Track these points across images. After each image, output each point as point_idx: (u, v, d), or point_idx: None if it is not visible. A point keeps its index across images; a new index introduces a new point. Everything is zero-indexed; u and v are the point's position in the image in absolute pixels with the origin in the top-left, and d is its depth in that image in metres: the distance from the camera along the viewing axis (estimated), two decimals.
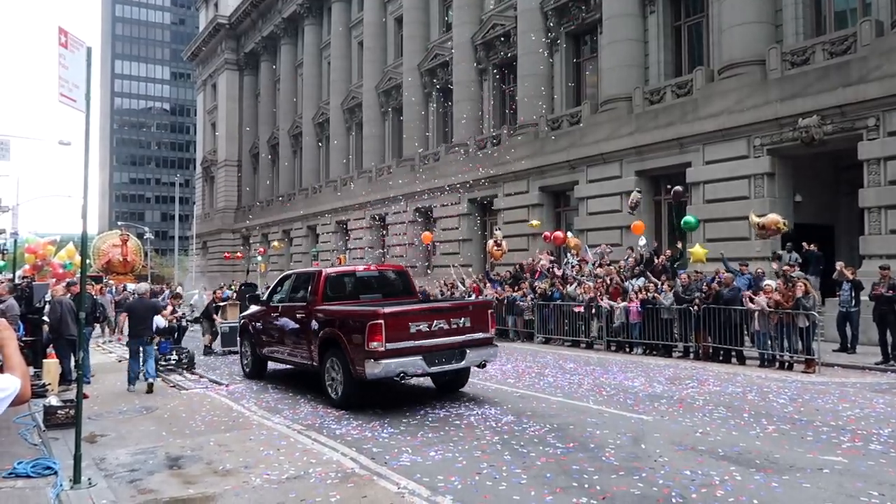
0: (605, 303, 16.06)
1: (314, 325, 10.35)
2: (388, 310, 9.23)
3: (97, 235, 43.48)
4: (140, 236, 55.71)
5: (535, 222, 23.14)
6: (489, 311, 10.24)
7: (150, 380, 11.56)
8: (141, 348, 11.81)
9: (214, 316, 18.86)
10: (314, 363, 10.40)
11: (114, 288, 27.93)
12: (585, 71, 26.07)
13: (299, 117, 48.38)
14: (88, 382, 11.96)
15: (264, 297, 12.89)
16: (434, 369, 9.45)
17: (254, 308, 13.26)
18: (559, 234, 21.07)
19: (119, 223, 73.28)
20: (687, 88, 20.40)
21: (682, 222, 17.45)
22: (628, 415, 8.72)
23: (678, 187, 17.79)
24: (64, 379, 11.72)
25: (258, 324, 12.61)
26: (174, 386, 11.98)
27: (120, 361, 15.88)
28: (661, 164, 20.47)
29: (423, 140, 34.19)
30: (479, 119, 30.41)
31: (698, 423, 8.23)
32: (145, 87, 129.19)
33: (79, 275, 23.06)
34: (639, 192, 18.89)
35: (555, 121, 25.26)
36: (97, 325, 18.17)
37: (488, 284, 20.98)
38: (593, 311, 16.39)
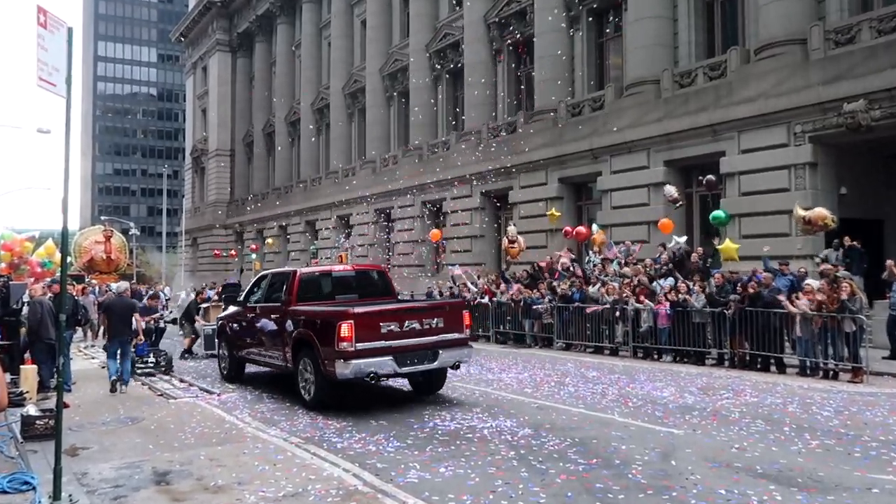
0: (631, 305, 15.99)
1: (288, 326, 11.06)
2: (358, 310, 9.98)
3: (79, 231, 43.77)
4: (125, 232, 56.05)
5: (554, 212, 23.05)
6: (464, 312, 11.07)
7: (125, 377, 12.51)
8: (120, 349, 12.36)
9: (196, 317, 19.33)
10: (288, 365, 11.11)
11: (97, 288, 28.14)
12: (609, 51, 25.95)
13: (297, 103, 48.48)
14: (69, 390, 12.03)
15: (241, 298, 13.60)
16: (405, 370, 10.18)
17: (231, 309, 13.90)
18: (582, 229, 21.01)
19: (102, 218, 73.67)
20: (720, 70, 20.27)
21: (710, 217, 17.35)
22: (657, 428, 8.68)
23: (711, 176, 17.68)
24: (43, 386, 11.79)
25: (235, 325, 13.36)
26: (161, 395, 12.02)
27: (103, 367, 15.96)
28: (692, 153, 20.35)
29: (432, 128, 34.18)
30: (493, 105, 30.36)
31: (734, 437, 8.18)
32: (130, 71, 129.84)
33: (59, 274, 23.25)
34: (670, 191, 18.64)
35: (575, 106, 25.18)
36: (79, 329, 18.25)
37: (503, 285, 20.95)
38: (618, 314, 16.33)
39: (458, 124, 33.06)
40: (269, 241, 45.06)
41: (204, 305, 20.61)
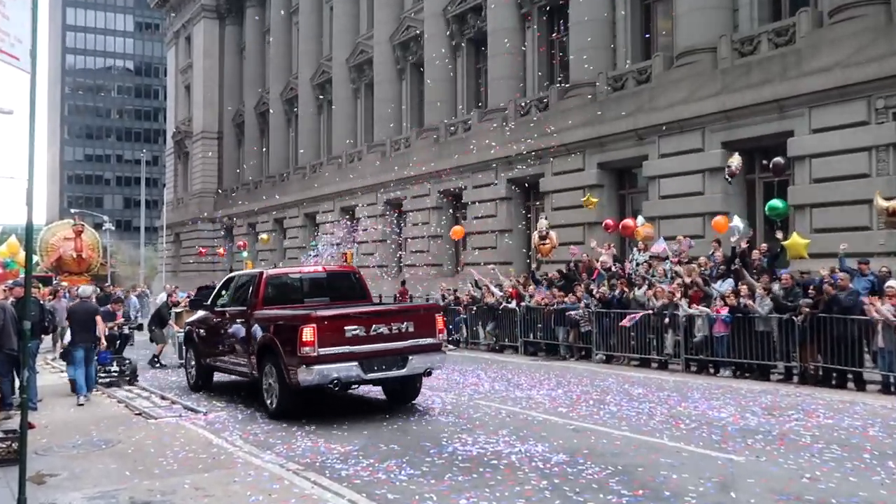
0: (682, 310, 15.89)
1: (254, 331, 12.03)
2: (321, 313, 11.00)
3: (45, 226, 44.20)
4: (98, 227, 56.64)
5: (591, 198, 22.90)
6: (437, 315, 11.98)
7: (86, 394, 13.51)
8: (84, 356, 13.27)
9: (170, 322, 20.06)
10: (254, 371, 12.10)
11: (67, 291, 28.35)
12: (657, 15, 25.80)
13: (294, 77, 48.69)
14: (35, 409, 12.16)
15: (208, 302, 14.60)
16: (371, 376, 11.19)
17: (200, 313, 14.96)
18: (628, 222, 20.90)
19: (72, 211, 74.49)
20: (788, 36, 20.07)
21: (766, 207, 17.20)
22: (714, 454, 8.63)
23: (778, 159, 17.50)
24: (4, 404, 11.93)
25: (202, 331, 14.45)
26: (140, 413, 12.12)
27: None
28: (754, 132, 20.19)
29: (450, 105, 34.20)
30: (521, 78, 30.31)
31: (805, 465, 8.11)
32: (104, 42, 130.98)
33: (23, 275, 23.45)
34: (736, 162, 18.29)
35: (617, 79, 25.06)
36: (45, 337, 18.44)
37: (532, 287, 20.91)
38: (668, 320, 16.24)
39: (481, 101, 33.03)
40: (264, 236, 45.32)
41: (176, 310, 21.18)
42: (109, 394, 14.36)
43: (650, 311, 16.58)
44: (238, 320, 12.79)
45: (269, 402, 11.61)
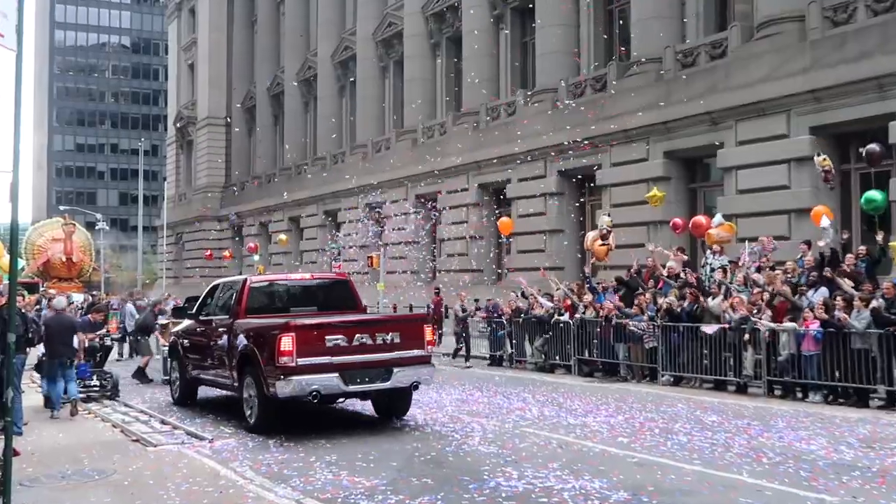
0: (765, 324, 15.72)
1: (238, 341, 12.99)
2: (299, 321, 12.15)
3: (32, 226, 45.03)
4: (90, 226, 57.54)
5: (656, 192, 22.67)
6: (424, 326, 13.04)
7: (74, 397, 14.61)
8: (61, 371, 14.10)
9: (156, 333, 21.08)
10: (235, 383, 13.21)
11: (44, 300, 28.61)
12: None
13: (313, 54, 49.02)
14: (20, 433, 12.35)
15: (193, 311, 15.73)
16: (353, 388, 12.22)
17: (185, 323, 16.11)
18: (700, 219, 20.69)
19: (61, 208, 75.89)
20: (890, 1, 19.76)
21: (861, 200, 16.94)
22: (802, 493, 8.54)
23: (874, 146, 17.20)
24: None
25: (186, 342, 15.57)
26: (137, 440, 12.26)
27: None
28: (849, 115, 19.97)
29: (493, 85, 34.23)
30: (574, 53, 30.22)
31: None
32: (97, 15, 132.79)
33: (6, 281, 23.85)
34: (820, 156, 18.20)
35: (687, 53, 24.88)
36: (30, 351, 18.75)
37: (588, 296, 20.80)
38: (748, 336, 16.07)
39: (528, 80, 32.97)
40: (282, 237, 45.54)
41: (162, 321, 22.04)
42: (103, 416, 14.55)
43: (726, 325, 16.42)
44: (220, 330, 13.85)
45: (248, 414, 12.76)
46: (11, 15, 6.96)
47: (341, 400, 13.68)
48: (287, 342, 11.72)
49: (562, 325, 20.59)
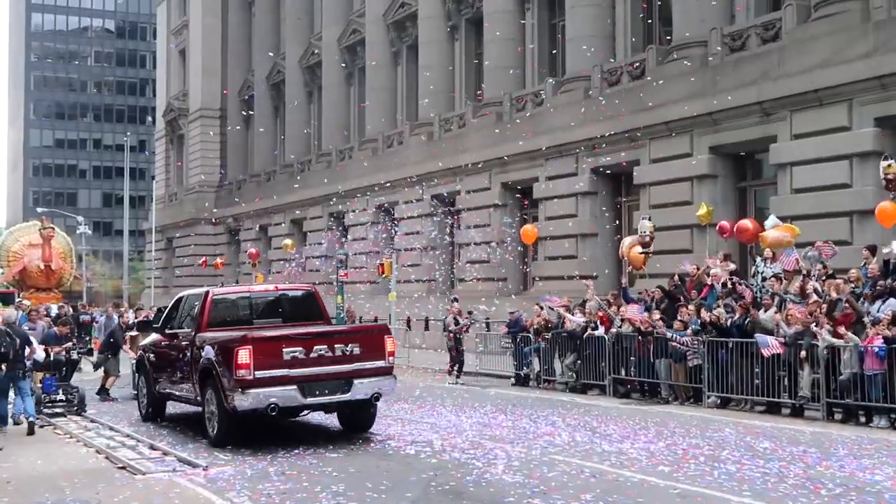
0: (823, 340, 15.65)
1: (195, 354, 14.29)
2: (256, 334, 13.56)
3: (6, 230, 45.41)
4: (70, 231, 57.85)
5: (703, 210, 22.51)
6: (386, 337, 14.27)
7: (31, 419, 15.37)
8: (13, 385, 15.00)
9: (123, 347, 21.96)
10: (198, 397, 14.39)
11: (19, 310, 28.71)
12: None
13: (317, 38, 49.20)
14: None
15: (159, 324, 17.17)
16: (312, 401, 13.45)
17: (152, 337, 17.44)
18: (746, 223, 20.61)
19: (39, 210, 76.33)
20: None
21: None
22: None
23: None
24: None
25: (152, 355, 16.92)
26: (123, 467, 12.33)
27: (42, 427, 16.48)
28: None
29: (517, 73, 34.25)
30: (610, 38, 30.22)
31: None
32: None
33: None
34: (887, 162, 18.10)
35: (735, 36, 24.83)
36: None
37: (626, 307, 20.75)
38: (804, 353, 16.01)
39: (557, 68, 32.96)
40: (287, 242, 45.58)
41: (130, 333, 23.06)
42: (86, 441, 14.65)
43: (780, 341, 16.36)
44: (183, 343, 15.24)
45: (210, 430, 13.96)
46: None
47: (304, 413, 14.96)
48: (244, 355, 12.91)
49: (596, 340, 20.57)
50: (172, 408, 17.55)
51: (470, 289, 33.50)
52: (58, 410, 17.86)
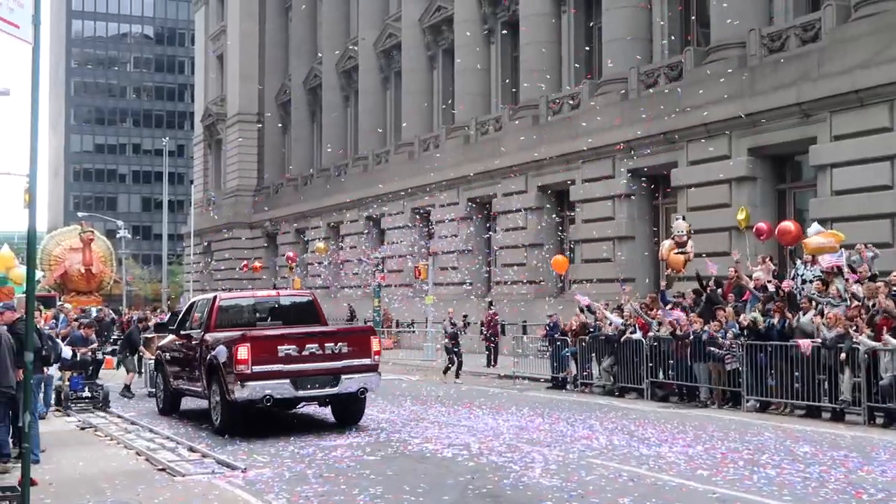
0: (864, 343, 15.49)
1: (203, 353, 16.04)
2: (253, 333, 15.50)
3: (47, 234, 45.81)
4: (110, 234, 58.44)
5: (741, 215, 22.37)
6: (370, 337, 16.11)
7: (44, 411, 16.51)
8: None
9: (142, 348, 23.74)
10: (205, 391, 16.16)
11: (60, 315, 29.05)
12: None
13: (353, 42, 49.39)
14: (37, 461, 12.58)
15: (174, 326, 18.98)
16: (303, 393, 15.18)
17: (168, 338, 19.27)
18: (788, 225, 20.42)
19: (79, 215, 77.21)
20: None
21: None
22: None
23: None
24: (2, 452, 12.34)
25: (168, 355, 18.75)
26: (163, 469, 12.44)
27: (83, 429, 16.66)
28: None
29: (553, 76, 34.19)
30: (647, 40, 30.11)
31: None
32: (117, 3, 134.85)
33: (20, 294, 24.20)
34: None
35: (774, 37, 24.65)
36: (48, 371, 19.26)
37: (663, 310, 20.66)
38: (844, 356, 15.85)
39: (594, 69, 32.86)
40: (320, 245, 45.87)
41: (147, 335, 24.68)
42: (126, 443, 14.80)
43: (819, 344, 16.20)
44: (194, 342, 16.95)
45: (214, 418, 15.73)
46: (27, 4, 7.11)
47: (301, 406, 16.99)
48: (243, 352, 14.64)
49: (633, 343, 20.50)
50: (189, 403, 18.96)
51: (508, 292, 33.47)
52: (84, 406, 19.36)
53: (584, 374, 22.21)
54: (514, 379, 24.78)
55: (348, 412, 16.30)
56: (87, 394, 19.64)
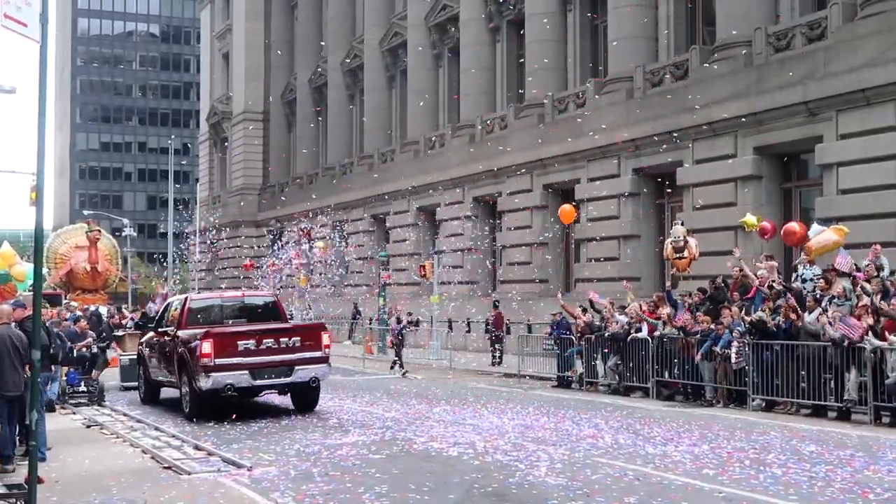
0: (870, 342, 15.48)
1: (175, 347, 17.90)
2: (216, 330, 17.39)
3: (53, 232, 45.83)
4: (116, 233, 58.47)
5: (750, 218, 22.12)
6: (321, 332, 18.08)
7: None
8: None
9: (112, 344, 24.58)
10: (177, 381, 18.10)
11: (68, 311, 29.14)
12: None
13: (359, 41, 49.40)
14: (44, 459, 12.60)
15: (153, 324, 21.09)
16: (260, 382, 17.17)
17: (148, 335, 21.10)
18: (793, 226, 20.38)
19: (85, 213, 77.23)
20: None
21: None
22: None
23: None
24: (3, 454, 12.37)
25: (148, 349, 20.63)
26: (169, 467, 12.46)
27: (89, 427, 16.71)
28: None
29: (560, 74, 34.16)
30: (652, 38, 30.08)
31: None
32: (123, 1, 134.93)
33: (25, 292, 24.32)
34: None
35: (780, 36, 24.61)
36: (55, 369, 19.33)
37: (667, 310, 20.63)
38: (851, 356, 15.83)
39: (598, 67, 32.85)
40: (320, 243, 45.91)
41: (120, 333, 26.25)
42: (132, 441, 14.83)
43: (827, 343, 16.20)
44: (167, 338, 18.87)
45: (184, 407, 17.65)
46: (35, 3, 7.12)
47: (263, 394, 18.82)
48: (207, 346, 16.58)
49: (639, 342, 20.49)
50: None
51: (513, 291, 33.46)
52: (81, 401, 20.12)
53: (590, 372, 22.16)
54: (519, 378, 24.82)
55: (305, 400, 18.19)
56: (83, 388, 20.60)
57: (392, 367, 28.71)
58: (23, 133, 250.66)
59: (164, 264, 67.26)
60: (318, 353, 17.52)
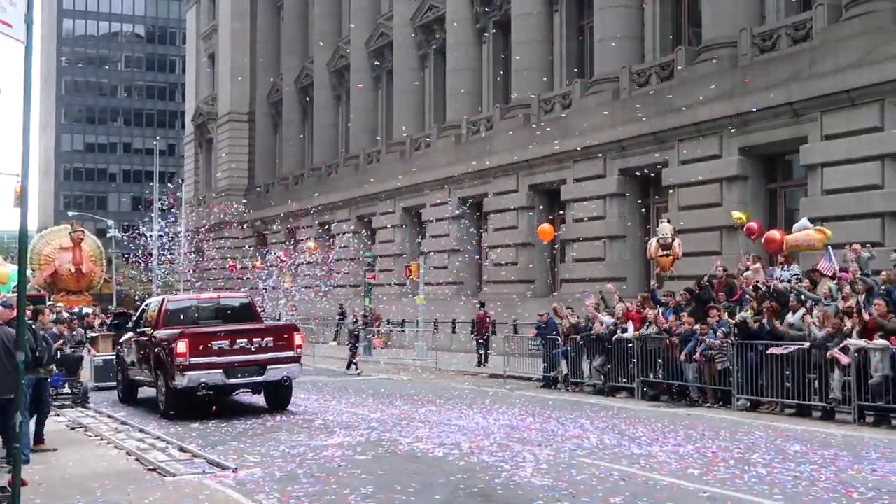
0: (854, 342, 15.55)
1: (152, 347, 18.34)
2: (191, 330, 17.91)
3: (38, 233, 45.68)
4: (100, 234, 58.25)
5: (738, 214, 22.32)
6: (293, 333, 18.55)
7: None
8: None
9: (88, 345, 24.08)
10: (154, 380, 18.51)
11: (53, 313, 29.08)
12: None
13: (345, 42, 49.39)
14: (27, 461, 12.56)
15: (130, 325, 21.59)
16: (233, 381, 17.56)
17: (127, 335, 21.42)
18: (774, 234, 20.31)
19: (70, 214, 77.00)
20: None
21: None
22: None
23: None
24: None
25: (126, 350, 21.11)
26: (154, 469, 12.42)
27: (73, 429, 16.63)
28: None
29: (544, 74, 34.20)
30: (638, 39, 30.18)
31: None
32: (108, 2, 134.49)
33: (10, 294, 24.22)
34: None
35: (765, 37, 24.72)
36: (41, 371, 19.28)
37: (653, 310, 20.67)
38: (834, 355, 15.89)
39: (585, 69, 32.92)
40: (310, 244, 45.80)
41: (92, 334, 26.15)
42: (116, 443, 14.78)
43: (805, 346, 16.26)
44: (144, 338, 19.27)
45: (160, 405, 18.13)
46: (20, 3, 7.11)
47: (237, 392, 19.26)
48: (182, 346, 17.04)
49: (625, 343, 20.52)
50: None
51: (499, 291, 33.48)
52: (65, 403, 20.09)
53: (575, 372, 22.20)
54: (505, 378, 24.85)
55: (277, 399, 18.71)
56: (67, 390, 20.49)
57: (348, 367, 29.11)
58: (7, 134, 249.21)
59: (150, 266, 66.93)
60: (289, 353, 17.94)
